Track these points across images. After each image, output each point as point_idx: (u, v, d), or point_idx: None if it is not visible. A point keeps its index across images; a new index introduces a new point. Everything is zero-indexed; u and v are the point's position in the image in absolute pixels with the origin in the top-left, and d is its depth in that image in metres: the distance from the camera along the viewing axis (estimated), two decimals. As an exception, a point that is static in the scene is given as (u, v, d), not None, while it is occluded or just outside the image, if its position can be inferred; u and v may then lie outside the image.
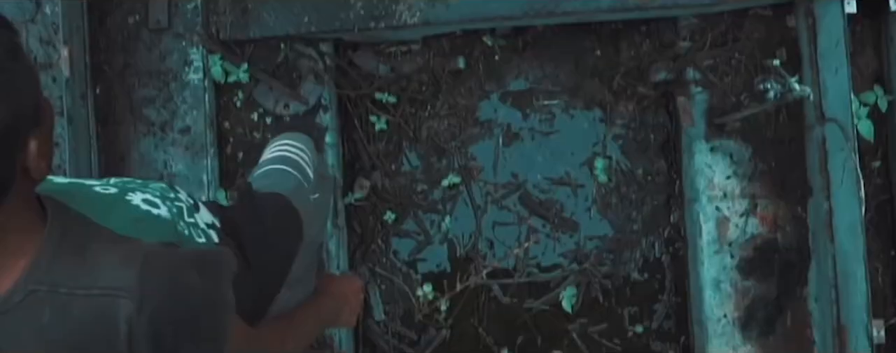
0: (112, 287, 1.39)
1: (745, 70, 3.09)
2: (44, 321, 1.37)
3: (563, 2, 3.00)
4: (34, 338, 1.39)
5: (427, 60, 3.26)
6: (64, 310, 1.37)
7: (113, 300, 1.37)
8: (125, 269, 1.40)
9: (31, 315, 1.37)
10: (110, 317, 1.37)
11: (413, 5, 3.03)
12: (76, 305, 1.37)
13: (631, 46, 3.26)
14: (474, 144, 3.33)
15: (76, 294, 1.37)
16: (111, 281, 1.39)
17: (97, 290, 1.38)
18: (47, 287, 1.36)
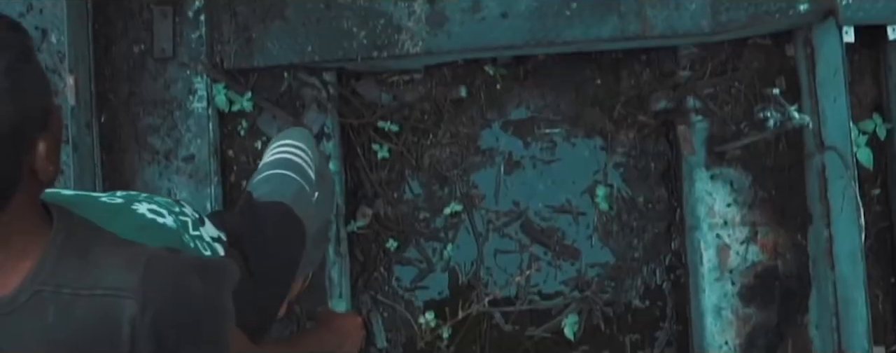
0: (116, 288, 1.41)
1: (744, 99, 3.12)
2: (48, 321, 1.38)
3: (563, 31, 3.03)
4: (38, 339, 1.41)
5: (429, 89, 3.29)
6: (68, 310, 1.39)
7: (116, 300, 1.39)
8: (129, 271, 1.42)
9: (35, 316, 1.39)
10: (114, 317, 1.39)
11: (415, 35, 3.06)
12: (80, 305, 1.39)
13: (631, 75, 3.29)
14: (476, 173, 3.35)
15: (80, 295, 1.39)
16: (115, 282, 1.41)
17: (101, 290, 1.40)
18: (52, 288, 1.38)
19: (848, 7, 2.85)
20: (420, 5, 3.07)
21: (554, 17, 3.04)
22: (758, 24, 2.98)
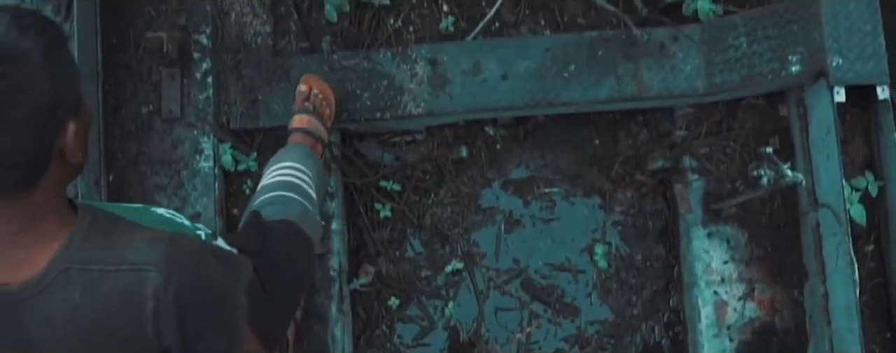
0: (141, 263, 1.47)
1: (739, 158, 3.18)
2: (75, 299, 1.44)
3: (562, 93, 3.11)
4: (65, 318, 1.47)
5: (431, 150, 3.35)
6: (94, 287, 1.45)
7: (141, 274, 1.45)
8: (153, 248, 1.48)
9: (62, 294, 1.45)
10: (139, 292, 1.45)
11: (417, 96, 3.13)
12: (106, 281, 1.45)
13: (629, 136, 3.35)
14: (477, 231, 3.40)
15: (106, 271, 1.45)
16: (140, 257, 1.47)
17: (126, 265, 1.46)
18: (79, 265, 1.45)
19: (838, 68, 2.91)
20: (422, 68, 3.14)
21: (553, 79, 3.11)
22: (751, 86, 3.05)
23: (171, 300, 1.48)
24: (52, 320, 1.48)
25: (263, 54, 3.20)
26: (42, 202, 1.47)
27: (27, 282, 1.45)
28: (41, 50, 1.39)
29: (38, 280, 1.45)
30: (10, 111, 1.36)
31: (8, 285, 1.47)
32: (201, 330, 1.54)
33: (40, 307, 1.47)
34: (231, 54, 3.20)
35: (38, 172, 1.45)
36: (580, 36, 3.16)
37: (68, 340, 1.52)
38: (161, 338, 1.51)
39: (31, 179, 1.44)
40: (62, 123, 1.45)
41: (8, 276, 1.46)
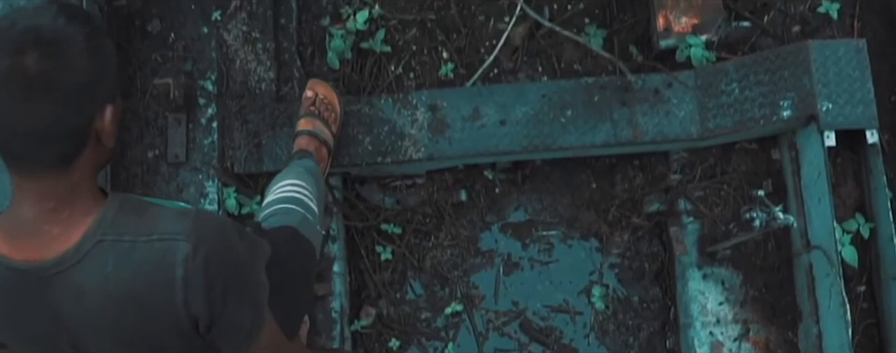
0: (170, 233, 1.58)
1: (733, 201, 3.24)
2: (108, 269, 1.55)
3: (559, 138, 3.17)
4: (98, 289, 1.57)
5: (431, 193, 3.41)
6: (127, 257, 1.55)
7: (171, 243, 1.56)
8: (181, 220, 1.59)
9: (97, 265, 1.55)
10: (168, 260, 1.55)
11: (418, 141, 3.19)
12: (138, 251, 1.56)
13: (625, 179, 3.40)
14: (476, 273, 3.45)
15: (138, 241, 1.56)
16: (169, 228, 1.58)
17: (157, 236, 1.57)
18: (112, 237, 1.56)
19: (828, 113, 2.97)
20: (422, 113, 3.21)
21: (550, 125, 3.17)
22: (744, 130, 3.11)
23: (199, 268, 1.57)
24: (85, 293, 1.58)
25: (267, 100, 3.27)
26: (78, 181, 1.58)
27: (62, 255, 1.56)
28: (85, 36, 1.53)
29: (73, 253, 1.56)
30: (56, 87, 1.50)
31: (40, 261, 1.58)
32: (227, 300, 1.63)
33: (73, 281, 1.57)
34: (236, 100, 3.26)
35: (76, 151, 1.56)
36: (577, 82, 3.23)
37: (100, 312, 1.62)
38: (190, 307, 1.61)
39: (69, 156, 1.56)
40: (101, 105, 1.58)
41: (40, 252, 1.58)
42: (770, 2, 3.36)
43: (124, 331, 1.67)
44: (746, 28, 3.32)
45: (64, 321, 1.66)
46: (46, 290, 1.60)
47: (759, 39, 3.32)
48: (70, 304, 1.62)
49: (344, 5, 3.45)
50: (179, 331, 1.68)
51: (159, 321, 1.65)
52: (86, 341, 1.71)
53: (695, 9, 3.26)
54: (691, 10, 3.26)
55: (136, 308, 1.61)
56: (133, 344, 1.71)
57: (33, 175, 1.57)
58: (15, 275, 1.61)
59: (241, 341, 1.73)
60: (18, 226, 1.60)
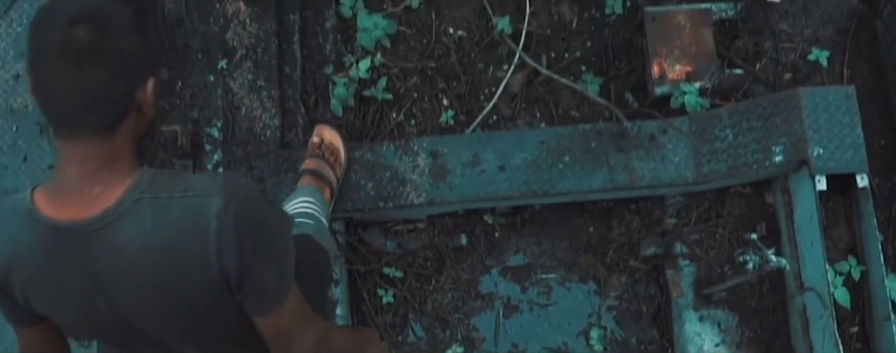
0: (204, 189, 1.70)
1: (728, 244, 3.30)
2: (147, 224, 1.66)
3: (557, 183, 3.23)
4: (137, 244, 1.68)
5: (432, 238, 3.46)
6: (164, 212, 1.67)
7: (205, 199, 1.68)
8: (213, 179, 1.71)
9: (136, 220, 1.67)
10: (202, 214, 1.66)
11: (419, 187, 3.25)
12: (174, 206, 1.67)
13: (622, 223, 3.46)
14: (476, 316, 3.49)
15: (174, 197, 1.68)
16: (202, 186, 1.70)
17: (192, 192, 1.69)
18: (151, 195, 1.68)
19: (819, 158, 3.04)
20: (424, 159, 3.27)
21: (548, 170, 3.24)
22: (737, 175, 3.18)
23: (231, 222, 1.68)
24: (124, 248, 1.69)
25: (272, 147, 3.33)
26: (120, 146, 1.71)
27: (103, 213, 1.67)
28: (132, 14, 1.68)
29: (113, 210, 1.67)
30: (104, 57, 1.64)
31: (82, 219, 1.69)
32: (256, 255, 1.73)
33: (113, 237, 1.68)
34: (241, 147, 3.33)
35: (120, 118, 1.69)
36: (574, 129, 3.30)
37: (138, 268, 1.72)
38: (222, 260, 1.70)
39: (113, 123, 1.69)
40: (144, 77, 1.73)
41: (83, 211, 1.69)
42: (762, 50, 3.44)
43: (160, 289, 1.76)
44: (739, 75, 3.40)
45: (102, 282, 1.75)
46: (87, 248, 1.71)
47: (752, 86, 3.39)
48: (110, 261, 1.72)
49: (347, 54, 3.53)
50: (212, 289, 1.77)
51: (193, 276, 1.74)
52: (122, 302, 1.79)
53: (688, 57, 3.34)
54: (685, 58, 3.34)
55: (172, 263, 1.71)
56: (168, 304, 1.80)
57: (79, 139, 1.69)
58: (58, 234, 1.71)
59: (268, 301, 1.81)
60: (62, 188, 1.72)
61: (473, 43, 3.61)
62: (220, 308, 1.84)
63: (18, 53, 3.52)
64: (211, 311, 1.84)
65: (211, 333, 1.94)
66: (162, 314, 1.83)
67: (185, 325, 1.88)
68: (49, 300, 1.84)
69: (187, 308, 1.82)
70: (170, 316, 1.84)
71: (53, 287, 1.80)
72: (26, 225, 1.73)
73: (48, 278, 1.78)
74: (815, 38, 3.46)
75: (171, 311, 1.82)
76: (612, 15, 3.62)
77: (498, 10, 3.59)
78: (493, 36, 3.59)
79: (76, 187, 1.70)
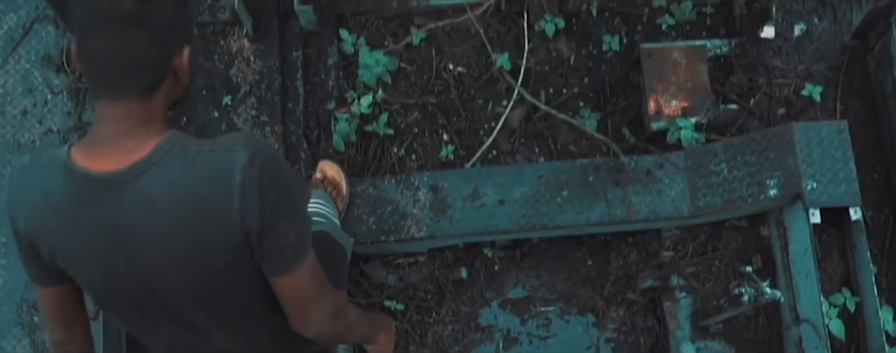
0: (230, 144, 1.81)
1: (724, 276, 3.34)
2: (175, 175, 1.77)
3: (556, 217, 3.27)
4: (165, 193, 1.78)
5: (432, 271, 3.50)
6: (192, 164, 1.78)
7: (231, 153, 1.79)
8: (239, 137, 1.83)
9: (165, 172, 1.78)
10: (228, 167, 1.78)
11: (420, 221, 3.30)
12: (201, 159, 1.78)
13: (619, 256, 3.50)
14: (476, 348, 3.52)
15: (202, 151, 1.79)
16: (229, 142, 1.82)
17: (219, 147, 1.80)
18: (180, 149, 1.79)
19: (813, 191, 3.09)
20: (424, 194, 3.32)
21: (547, 204, 3.29)
22: (733, 208, 3.23)
23: (255, 177, 1.78)
24: (152, 197, 1.78)
25: (275, 182, 3.38)
26: (155, 109, 1.84)
27: (135, 164, 1.79)
28: None
29: (145, 161, 1.79)
30: (146, 24, 1.78)
31: (115, 169, 1.80)
32: (277, 210, 1.83)
33: (142, 187, 1.79)
34: (245, 182, 3.37)
35: (158, 82, 1.83)
36: (572, 163, 3.35)
37: (163, 218, 1.81)
38: (245, 212, 1.79)
39: (152, 86, 1.82)
40: (180, 44, 1.86)
41: (116, 163, 1.80)
42: (756, 85, 3.51)
43: (183, 241, 1.84)
44: (734, 111, 3.46)
45: (126, 235, 1.84)
46: (117, 197, 1.81)
47: (746, 121, 3.46)
48: (137, 211, 1.81)
49: (349, 90, 3.60)
50: (233, 245, 1.85)
51: (216, 228, 1.82)
52: (143, 259, 1.87)
53: (684, 92, 3.40)
54: (681, 93, 3.40)
55: (197, 213, 1.80)
56: (188, 259, 1.87)
57: (119, 100, 1.82)
58: (91, 184, 1.83)
59: (287, 258, 1.91)
60: (97, 143, 1.84)
61: (473, 79, 3.67)
62: (238, 269, 1.92)
63: (26, 89, 3.60)
64: (230, 271, 1.92)
65: (227, 298, 2.00)
66: (181, 272, 1.90)
67: (203, 287, 1.94)
68: (73, 255, 1.92)
69: (207, 266, 1.89)
70: (189, 275, 1.90)
71: (79, 240, 1.89)
72: (61, 176, 1.85)
73: (75, 230, 1.88)
74: (808, 74, 3.54)
75: (190, 268, 1.89)
76: (609, 51, 3.69)
77: (497, 46, 3.66)
78: (492, 72, 3.65)
79: (111, 141, 1.82)
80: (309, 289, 1.98)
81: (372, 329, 2.50)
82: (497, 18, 3.69)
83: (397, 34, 3.71)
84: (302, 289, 1.97)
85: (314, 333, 2.07)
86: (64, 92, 3.59)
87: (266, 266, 1.92)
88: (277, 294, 1.97)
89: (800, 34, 3.61)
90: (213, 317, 2.04)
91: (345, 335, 2.25)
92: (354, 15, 3.72)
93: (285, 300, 1.98)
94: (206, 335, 2.09)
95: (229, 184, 1.78)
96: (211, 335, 2.09)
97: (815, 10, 3.64)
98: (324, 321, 2.05)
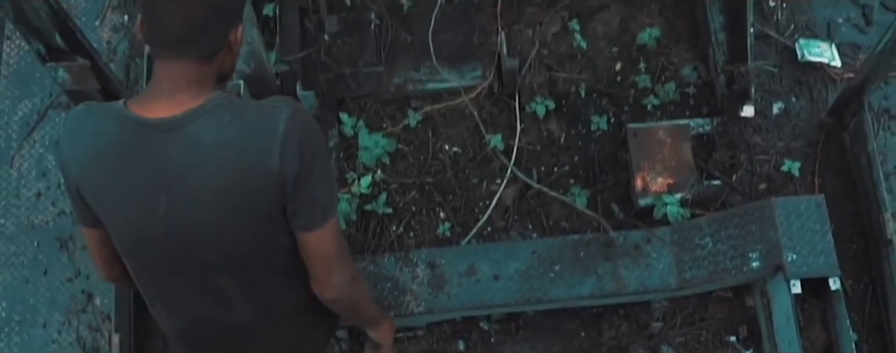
0: (275, 102, 2.01)
1: (712, 346, 3.44)
2: (224, 120, 1.95)
3: (549, 291, 3.37)
4: (213, 138, 1.96)
5: (431, 344, 3.58)
6: (240, 113, 1.96)
7: (276, 107, 1.98)
8: (283, 98, 2.05)
9: (215, 117, 1.96)
10: (273, 117, 1.96)
11: (418, 296, 3.39)
12: (249, 109, 1.99)
13: (611, 328, 3.58)
14: (475, 419, 3.59)
15: (249, 104, 2.01)
16: (274, 100, 2.02)
17: (265, 103, 2.00)
18: (230, 101, 1.97)
19: (793, 263, 3.20)
20: (422, 270, 3.42)
21: (540, 279, 3.38)
22: (718, 280, 3.34)
23: (297, 130, 1.97)
24: (200, 140, 1.96)
25: (279, 260, 3.49)
26: (209, 74, 2.03)
27: (188, 111, 1.96)
28: None
29: (198, 109, 1.96)
30: None
31: (168, 116, 1.97)
32: (314, 165, 2.00)
33: (193, 131, 1.96)
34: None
35: (214, 51, 2.02)
36: (563, 239, 3.46)
37: (209, 160, 1.98)
38: (285, 161, 1.96)
39: (209, 54, 2.03)
40: (235, 21, 2.06)
41: (171, 111, 1.97)
42: (738, 162, 3.65)
43: (224, 184, 2.00)
44: (717, 186, 3.60)
45: (171, 179, 2.00)
46: (166, 141, 1.99)
47: (729, 197, 3.59)
48: (184, 153, 1.98)
49: (349, 171, 3.74)
50: (270, 194, 2.01)
51: (257, 175, 1.98)
52: (184, 204, 2.03)
53: (669, 170, 3.54)
54: (666, 171, 3.54)
55: (241, 157, 1.97)
56: (227, 203, 2.02)
57: (179, 61, 2.00)
58: (143, 129, 2.00)
59: (318, 213, 2.08)
60: (154, 95, 2.03)
61: (468, 159, 3.81)
62: (270, 223, 2.07)
63: (40, 173, 3.74)
64: (262, 225, 2.07)
65: (256, 257, 2.15)
66: (217, 221, 2.05)
67: (235, 242, 2.09)
68: (117, 199, 2.07)
69: (242, 216, 2.04)
70: (223, 226, 2.05)
71: (124, 184, 2.04)
72: (114, 122, 2.03)
73: (122, 173, 2.04)
74: (787, 151, 3.68)
75: (226, 218, 2.04)
76: (598, 131, 3.84)
77: (490, 127, 3.81)
78: (486, 152, 3.80)
79: (167, 94, 2.01)
80: (333, 247, 2.14)
81: (378, 313, 2.64)
82: (490, 101, 3.86)
83: (395, 117, 3.86)
84: (328, 246, 2.13)
85: (335, 294, 2.22)
86: (76, 176, 3.72)
87: (298, 219, 2.08)
88: (304, 252, 2.14)
89: (778, 112, 3.76)
90: (239, 281, 2.18)
91: (359, 305, 2.40)
92: (354, 99, 3.89)
93: (312, 257, 2.14)
94: (230, 303, 2.23)
95: (273, 132, 1.96)
96: (234, 304, 2.23)
97: (793, 89, 3.80)
98: (345, 281, 2.21)
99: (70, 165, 2.09)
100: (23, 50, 3.92)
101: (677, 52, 3.94)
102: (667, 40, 3.96)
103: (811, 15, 3.96)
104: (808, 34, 3.90)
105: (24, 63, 3.93)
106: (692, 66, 3.92)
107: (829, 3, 3.99)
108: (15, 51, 3.95)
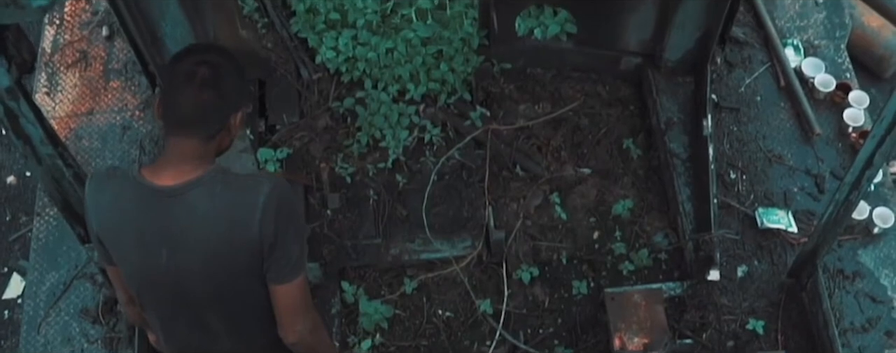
0: (260, 176, 2.51)
1: None
2: (216, 191, 2.37)
3: None
4: (207, 205, 2.41)
5: None
6: (229, 185, 2.41)
7: (259, 181, 2.42)
8: (267, 174, 2.46)
9: (210, 188, 2.38)
10: (256, 190, 2.39)
11: None
12: (237, 182, 2.42)
13: None
14: None
15: (238, 178, 2.42)
16: (258, 175, 2.49)
17: (251, 177, 2.49)
18: (222, 173, 2.40)
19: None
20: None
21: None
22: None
23: (275, 200, 2.37)
24: (197, 207, 2.37)
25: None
26: (209, 150, 2.46)
27: (188, 182, 2.38)
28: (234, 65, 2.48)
29: (197, 180, 2.38)
30: (217, 86, 2.40)
31: (173, 184, 2.41)
32: (287, 229, 2.40)
33: (191, 199, 2.38)
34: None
35: (217, 132, 2.45)
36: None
37: (202, 224, 2.40)
38: (263, 225, 2.37)
39: (212, 134, 2.44)
40: (237, 107, 2.49)
41: (175, 180, 2.41)
42: (707, 322, 3.92)
43: (214, 243, 2.43)
44: (689, 345, 3.85)
45: (172, 235, 2.44)
46: (171, 206, 2.41)
47: (700, 354, 3.87)
48: (184, 216, 2.39)
49: (350, 335, 4.00)
50: (251, 250, 2.43)
51: (240, 236, 2.41)
52: (180, 255, 2.45)
53: (645, 330, 3.79)
54: (642, 331, 3.79)
55: (228, 222, 2.40)
56: (216, 258, 2.45)
57: (187, 139, 2.41)
58: (153, 193, 2.42)
59: (289, 269, 2.49)
60: (164, 165, 2.45)
61: (460, 322, 4.07)
62: (250, 276, 2.48)
63: (66, 339, 3.96)
64: (244, 277, 2.49)
65: (238, 302, 2.56)
66: (207, 270, 2.48)
67: (221, 287, 2.51)
68: (129, 248, 2.51)
69: (227, 267, 2.47)
70: (212, 273, 2.48)
71: (136, 236, 2.47)
72: (131, 186, 2.46)
73: (134, 227, 2.47)
74: (751, 310, 3.95)
75: (215, 267, 2.47)
76: (578, 295, 4.14)
77: (480, 293, 4.10)
78: (476, 316, 4.06)
79: (174, 165, 2.43)
80: (299, 298, 2.54)
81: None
82: (479, 269, 4.17)
83: (392, 285, 4.15)
84: (295, 297, 2.52)
85: (296, 339, 2.60)
86: (99, 341, 3.95)
87: (271, 273, 2.49)
88: (274, 301, 2.53)
89: (742, 275, 4.05)
90: (223, 319, 2.60)
91: (317, 349, 2.71)
92: (354, 268, 4.17)
93: (280, 306, 2.53)
94: (215, 336, 2.64)
95: (255, 202, 2.38)
96: (219, 337, 2.64)
97: (755, 253, 4.09)
98: (306, 329, 2.59)
99: (93, 218, 2.54)
100: (51, 226, 4.24)
101: (649, 221, 4.26)
102: (639, 210, 4.29)
103: (769, 185, 4.27)
104: (766, 203, 4.21)
105: (52, 237, 4.23)
106: (663, 233, 4.24)
107: (785, 174, 4.31)
108: (44, 227, 4.27)
